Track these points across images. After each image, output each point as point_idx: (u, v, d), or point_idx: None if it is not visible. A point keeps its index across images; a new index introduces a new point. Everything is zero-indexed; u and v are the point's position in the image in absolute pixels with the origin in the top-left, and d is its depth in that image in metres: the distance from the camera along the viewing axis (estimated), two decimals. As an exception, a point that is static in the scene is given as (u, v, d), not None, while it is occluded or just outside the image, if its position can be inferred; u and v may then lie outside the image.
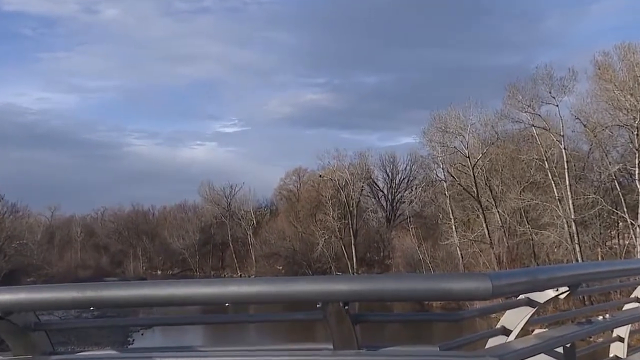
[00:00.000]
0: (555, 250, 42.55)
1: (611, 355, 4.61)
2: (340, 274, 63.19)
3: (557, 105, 42.45)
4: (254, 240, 76.13)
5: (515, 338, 3.33)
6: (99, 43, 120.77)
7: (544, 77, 42.93)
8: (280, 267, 70.36)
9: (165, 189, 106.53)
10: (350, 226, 67.69)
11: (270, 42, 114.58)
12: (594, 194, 40.94)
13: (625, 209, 39.27)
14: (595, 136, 41.08)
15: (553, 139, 42.72)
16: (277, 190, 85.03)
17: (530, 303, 3.36)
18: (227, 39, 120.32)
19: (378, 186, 74.75)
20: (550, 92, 42.52)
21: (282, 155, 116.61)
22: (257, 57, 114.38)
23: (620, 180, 41.68)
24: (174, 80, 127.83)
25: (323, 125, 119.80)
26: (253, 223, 79.88)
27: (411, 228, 56.49)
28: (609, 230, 43.86)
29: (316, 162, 72.75)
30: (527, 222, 44.37)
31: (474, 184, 48.19)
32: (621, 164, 40.78)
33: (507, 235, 45.94)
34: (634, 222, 38.71)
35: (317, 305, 2.68)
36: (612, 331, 4.59)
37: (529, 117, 44.15)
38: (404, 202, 69.75)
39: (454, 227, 50.05)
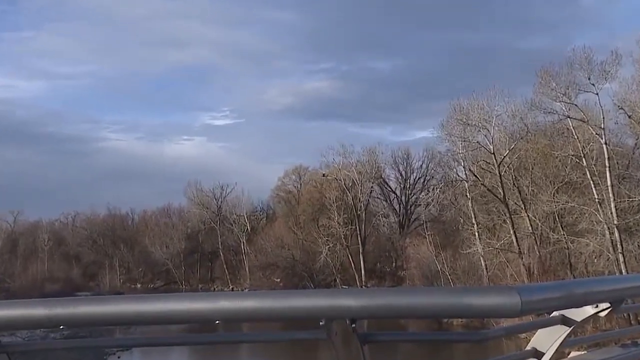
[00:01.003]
0: (595, 260, 42.45)
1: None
2: (347, 287, 63.12)
3: (597, 94, 42.43)
4: (248, 248, 76.25)
5: (548, 362, 3.33)
6: (72, 21, 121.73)
7: (581, 61, 42.93)
8: (278, 280, 70.42)
9: (147, 190, 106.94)
10: (358, 232, 67.74)
11: (269, 23, 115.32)
12: (640, 195, 40.87)
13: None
14: (641, 129, 41.03)
15: (592, 133, 42.63)
16: (274, 191, 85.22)
17: (565, 321, 3.36)
18: (219, 20, 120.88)
19: (390, 187, 74.82)
20: (589, 79, 42.48)
21: (281, 151, 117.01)
22: (254, 39, 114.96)
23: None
24: (158, 67, 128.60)
25: (328, 118, 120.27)
26: (247, 229, 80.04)
27: (428, 235, 56.51)
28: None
29: (319, 159, 72.96)
30: (562, 228, 44.27)
31: (500, 184, 48.15)
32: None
33: (538, 243, 45.86)
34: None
35: (320, 323, 2.68)
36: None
37: (563, 107, 44.08)
38: (420, 205, 69.78)
39: (477, 233, 50.01)
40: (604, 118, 42.36)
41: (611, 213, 40.68)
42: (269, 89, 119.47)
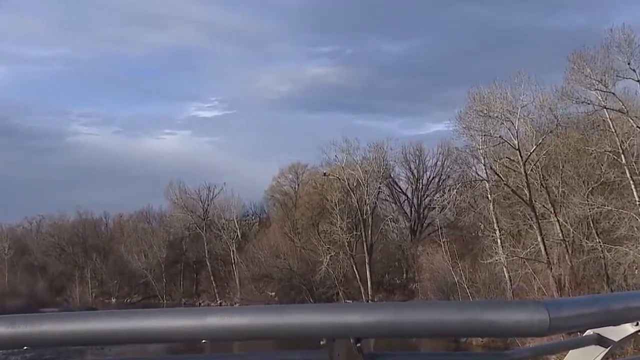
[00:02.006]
0: (636, 272, 42.44)
1: None
2: (351, 301, 63.22)
3: (639, 81, 42.37)
4: (239, 257, 76.33)
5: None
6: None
7: (620, 42, 42.90)
8: (273, 293, 70.52)
9: (123, 191, 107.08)
10: (364, 239, 67.80)
11: (264, 1, 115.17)
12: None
13: None
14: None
15: (632, 125, 42.62)
16: (268, 192, 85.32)
17: (601, 341, 3.36)
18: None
19: (400, 188, 74.84)
20: (628, 63, 42.49)
21: (277, 147, 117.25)
22: (247, 20, 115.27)
23: None
24: (137, 50, 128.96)
25: (330, 109, 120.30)
26: (237, 235, 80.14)
27: (443, 242, 56.45)
28: None
29: (320, 156, 72.79)
30: (597, 234, 44.24)
31: (525, 184, 48.14)
32: None
33: (570, 251, 45.85)
34: None
35: (321, 342, 2.69)
36: None
37: (599, 97, 44.05)
38: (434, 208, 69.77)
39: (499, 240, 50.03)
40: (645, 109, 42.40)
41: (654, 217, 40.70)
42: (264, 76, 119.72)
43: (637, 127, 42.45)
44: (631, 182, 42.36)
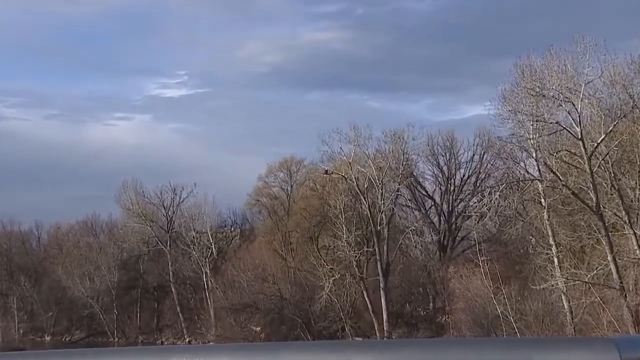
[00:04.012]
0: None
1: None
2: (361, 339, 63.23)
3: None
4: (214, 281, 76.37)
5: None
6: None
7: None
8: (258, 328, 70.56)
9: (61, 194, 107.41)
10: (379, 258, 67.80)
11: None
12: None
13: None
14: None
15: None
16: (253, 196, 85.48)
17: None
18: None
19: (425, 190, 74.87)
20: None
21: (264, 136, 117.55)
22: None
23: None
24: (77, 10, 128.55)
25: (334, 86, 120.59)
26: (212, 253, 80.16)
27: (482, 261, 56.43)
28: None
29: (320, 148, 72.70)
30: (686, 251, 44.27)
31: (591, 185, 48.14)
32: None
33: (650, 274, 45.89)
34: None
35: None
36: None
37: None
38: (470, 216, 69.80)
39: (556, 260, 50.03)
40: None
41: None
42: (248, 43, 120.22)
43: None
44: None
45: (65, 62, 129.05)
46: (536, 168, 54.17)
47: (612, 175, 48.75)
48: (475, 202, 70.42)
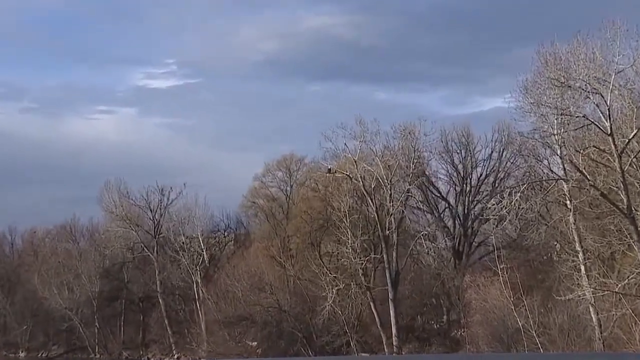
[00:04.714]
0: None
1: None
2: (368, 355, 63.24)
3: None
4: (205, 291, 76.44)
5: None
6: None
7: None
8: (255, 344, 70.63)
9: (37, 195, 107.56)
10: (387, 266, 67.80)
11: None
12: None
13: None
14: None
15: None
16: (248, 197, 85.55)
17: None
18: None
19: (439, 191, 74.99)
20: None
21: (260, 132, 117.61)
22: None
23: None
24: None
25: (337, 76, 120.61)
26: (203, 259, 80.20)
27: (501, 269, 56.50)
28: None
29: (322, 144, 72.74)
30: None
31: (622, 185, 48.10)
32: None
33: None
34: None
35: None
36: None
37: None
38: (488, 219, 69.79)
39: (583, 267, 50.05)
40: None
41: None
42: (243, 28, 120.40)
43: None
44: None
45: (43, 50, 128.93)
46: (561, 166, 54.17)
47: (645, 174, 48.76)
48: (494, 204, 70.04)
